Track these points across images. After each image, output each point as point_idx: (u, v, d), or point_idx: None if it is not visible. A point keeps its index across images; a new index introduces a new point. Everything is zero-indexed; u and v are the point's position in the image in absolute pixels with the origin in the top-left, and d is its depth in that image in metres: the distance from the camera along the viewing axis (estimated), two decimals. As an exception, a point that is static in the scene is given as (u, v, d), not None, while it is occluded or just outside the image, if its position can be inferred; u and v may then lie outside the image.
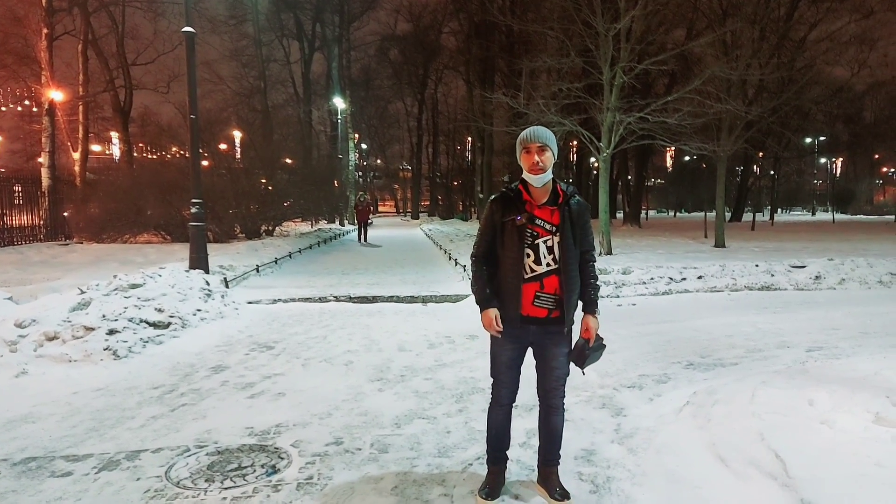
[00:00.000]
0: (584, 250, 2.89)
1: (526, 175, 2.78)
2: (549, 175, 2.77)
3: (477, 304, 2.84)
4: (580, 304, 2.92)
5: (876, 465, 2.97)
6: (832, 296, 9.53)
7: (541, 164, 2.72)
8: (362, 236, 21.61)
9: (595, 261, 2.98)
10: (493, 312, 2.78)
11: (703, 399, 4.22)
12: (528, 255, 2.75)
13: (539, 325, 2.81)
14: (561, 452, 3.07)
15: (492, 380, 3.00)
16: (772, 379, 4.53)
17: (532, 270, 2.76)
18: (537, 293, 2.77)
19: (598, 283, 2.97)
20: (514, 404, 3.00)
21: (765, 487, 2.96)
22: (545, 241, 2.76)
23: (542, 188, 2.79)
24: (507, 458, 3.08)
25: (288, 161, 26.45)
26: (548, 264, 2.77)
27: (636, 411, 4.24)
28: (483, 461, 3.40)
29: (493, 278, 2.86)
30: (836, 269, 10.75)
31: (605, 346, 2.93)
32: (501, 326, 2.78)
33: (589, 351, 2.84)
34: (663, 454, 3.46)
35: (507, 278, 2.78)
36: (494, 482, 2.99)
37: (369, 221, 23.56)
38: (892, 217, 28.15)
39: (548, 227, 2.77)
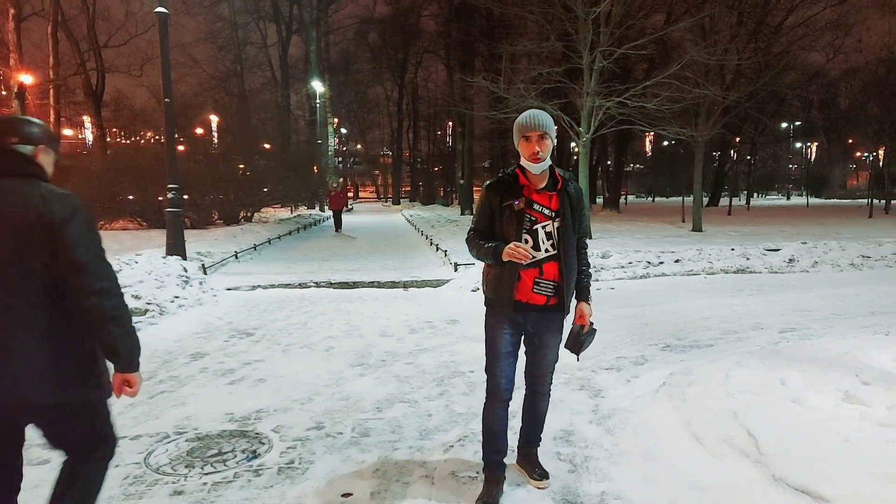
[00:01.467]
0: (580, 236, 2.87)
1: (524, 162, 2.69)
2: (548, 162, 2.69)
3: (493, 258, 2.65)
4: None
5: (845, 442, 3.05)
6: (805, 278, 9.73)
7: (541, 153, 2.62)
8: (338, 225, 20.18)
9: (587, 247, 2.95)
10: (511, 245, 2.56)
11: (679, 380, 4.29)
12: (527, 241, 2.67)
13: (538, 311, 2.75)
14: (542, 434, 3.09)
15: (486, 375, 2.86)
16: (745, 359, 4.63)
17: (531, 256, 2.66)
18: (536, 279, 2.70)
19: (590, 269, 2.95)
20: (510, 401, 2.86)
21: (738, 464, 3.03)
22: (544, 227, 2.70)
23: (541, 174, 2.72)
24: (505, 467, 2.92)
25: (266, 146, 26.13)
26: (546, 250, 2.70)
27: (614, 392, 4.30)
28: (464, 443, 3.45)
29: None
30: (810, 253, 10.97)
31: (595, 330, 2.90)
32: (527, 251, 2.55)
33: (584, 337, 2.82)
34: (640, 434, 3.52)
35: (505, 264, 2.66)
36: (493, 492, 2.81)
37: (349, 207, 23.20)
38: (865, 201, 28.75)
39: (546, 212, 2.71)
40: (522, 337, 2.86)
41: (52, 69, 21.56)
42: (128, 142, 31.65)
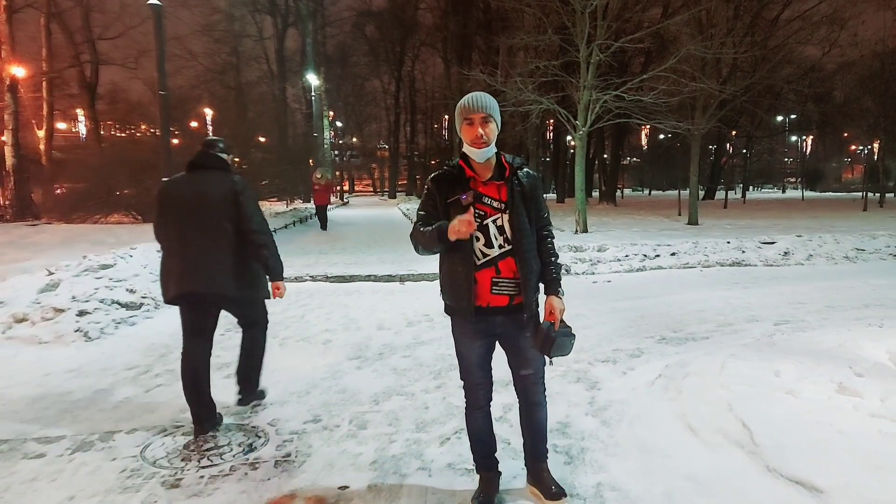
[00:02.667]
0: (541, 226, 2.62)
1: (467, 149, 2.48)
2: (492, 149, 2.49)
3: (439, 239, 2.41)
4: (542, 287, 2.63)
5: (838, 433, 3.08)
6: (800, 271, 9.76)
7: (485, 137, 2.42)
8: (323, 223, 17.95)
9: (554, 237, 2.70)
10: (454, 220, 2.35)
11: (675, 372, 4.32)
12: (478, 239, 2.47)
13: (504, 314, 2.54)
14: (547, 446, 2.84)
15: (463, 382, 2.74)
16: (740, 352, 4.66)
17: (484, 255, 2.47)
18: (494, 279, 2.49)
19: (559, 260, 2.67)
20: (491, 402, 2.77)
21: (732, 455, 3.06)
22: (494, 221, 2.48)
23: (486, 163, 2.51)
24: (498, 463, 2.83)
25: (262, 140, 26.02)
26: (500, 245, 2.49)
27: (610, 385, 4.32)
28: (461, 435, 3.46)
29: (443, 265, 2.59)
30: (804, 246, 11.01)
31: (574, 335, 2.57)
32: (470, 218, 2.33)
33: (555, 335, 2.48)
34: (636, 425, 3.54)
35: (458, 267, 2.49)
36: (488, 489, 2.74)
37: (344, 201, 22.77)
38: (860, 194, 28.84)
39: (496, 204, 2.49)
40: (497, 341, 2.68)
41: (45, 61, 21.38)
42: (123, 135, 31.47)
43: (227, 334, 5.88)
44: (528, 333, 2.59)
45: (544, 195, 2.74)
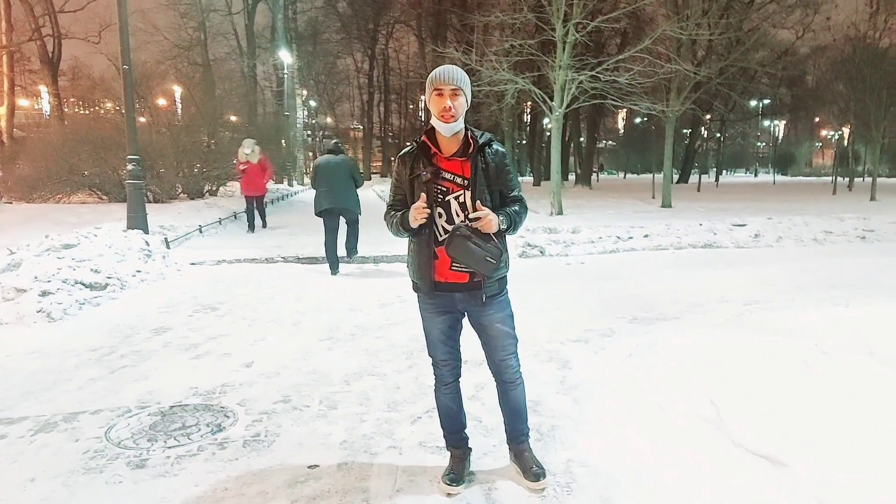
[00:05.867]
0: (511, 198, 2.56)
1: (434, 122, 2.44)
2: (460, 124, 2.45)
3: (403, 228, 2.49)
4: (509, 263, 2.57)
5: (804, 409, 3.14)
6: (770, 253, 9.94)
7: (453, 110, 2.39)
8: (255, 218, 12.63)
9: (525, 208, 2.61)
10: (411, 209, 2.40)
11: (645, 351, 4.36)
12: (440, 215, 2.47)
13: (463, 291, 2.53)
14: (528, 426, 2.81)
15: (431, 359, 2.74)
16: (710, 331, 4.72)
17: (445, 231, 2.45)
18: None
19: (521, 211, 2.56)
20: (460, 379, 2.77)
21: (700, 432, 3.09)
22: (456, 197, 2.46)
23: (452, 138, 2.47)
24: (468, 439, 2.84)
25: (232, 118, 25.44)
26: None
27: (581, 364, 4.33)
28: (432, 414, 3.43)
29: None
30: (774, 228, 11.21)
31: (491, 253, 2.38)
32: (424, 204, 2.37)
33: (459, 232, 2.35)
34: (606, 403, 3.56)
35: (420, 243, 2.51)
36: (458, 466, 2.74)
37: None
38: (830, 178, 29.45)
39: (458, 180, 2.46)
40: (463, 318, 2.66)
41: (4, 34, 20.61)
42: (86, 112, 30.49)
43: (196, 315, 5.79)
44: (491, 312, 2.57)
45: (520, 177, 2.68)
